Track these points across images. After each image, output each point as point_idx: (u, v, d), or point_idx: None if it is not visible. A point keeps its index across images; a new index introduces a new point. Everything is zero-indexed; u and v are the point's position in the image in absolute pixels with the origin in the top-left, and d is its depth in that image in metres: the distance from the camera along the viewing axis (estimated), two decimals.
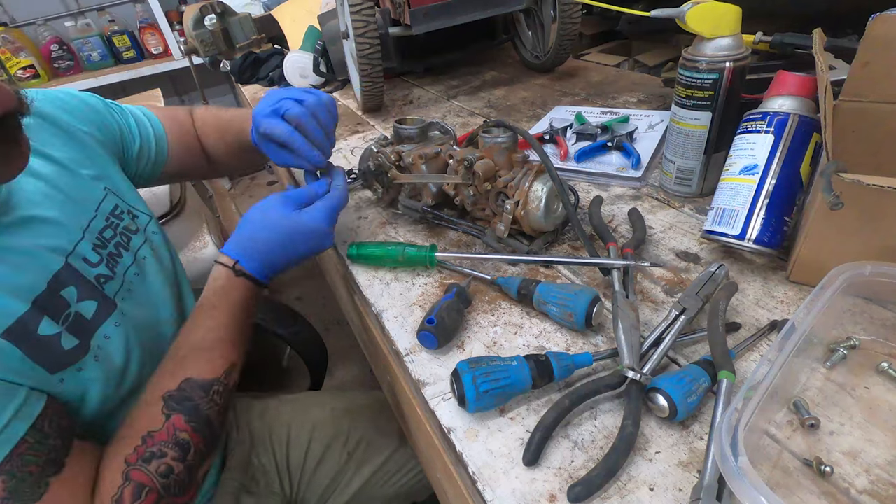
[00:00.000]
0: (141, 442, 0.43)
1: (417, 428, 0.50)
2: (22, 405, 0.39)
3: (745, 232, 0.48)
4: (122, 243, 0.55)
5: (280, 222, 0.53)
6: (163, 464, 0.43)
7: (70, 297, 0.46)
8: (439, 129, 0.70)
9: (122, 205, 0.58)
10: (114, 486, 0.41)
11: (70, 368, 0.44)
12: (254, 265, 0.53)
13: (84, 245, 0.50)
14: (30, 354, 0.41)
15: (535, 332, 0.48)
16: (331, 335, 1.78)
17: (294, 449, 0.74)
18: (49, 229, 0.48)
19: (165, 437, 0.44)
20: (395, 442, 0.77)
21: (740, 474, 0.27)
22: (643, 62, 1.24)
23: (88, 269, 0.50)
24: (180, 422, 0.44)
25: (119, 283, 0.53)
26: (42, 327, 0.43)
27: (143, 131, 0.67)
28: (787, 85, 0.50)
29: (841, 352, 0.41)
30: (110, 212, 0.56)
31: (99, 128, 0.61)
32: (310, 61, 1.22)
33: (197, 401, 0.46)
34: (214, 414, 0.47)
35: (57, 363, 0.43)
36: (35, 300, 0.43)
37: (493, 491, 0.36)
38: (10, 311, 0.41)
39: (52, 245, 0.47)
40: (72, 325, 0.45)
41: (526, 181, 0.55)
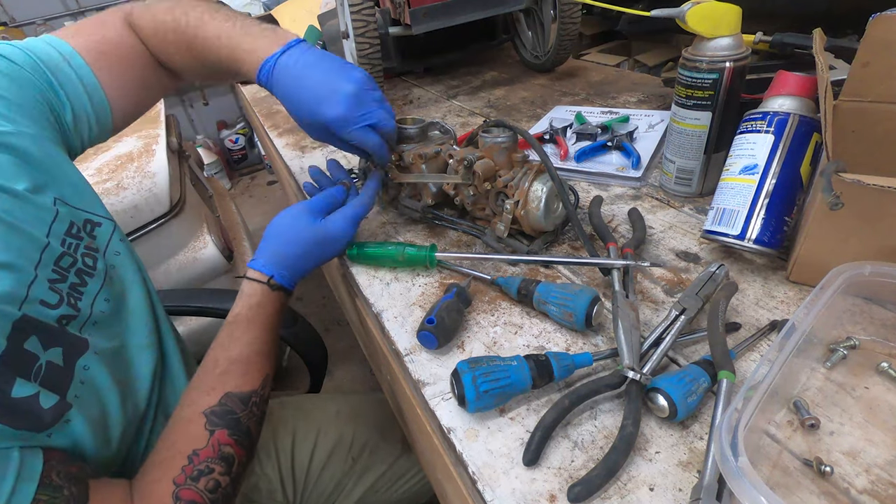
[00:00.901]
0: (187, 461, 0.43)
1: (417, 428, 0.50)
2: (21, 466, 0.36)
3: (745, 232, 0.48)
4: (84, 269, 0.47)
5: (309, 235, 0.54)
6: (211, 479, 0.43)
7: (35, 348, 0.41)
8: (440, 128, 0.69)
9: (77, 217, 0.49)
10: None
11: (56, 425, 0.40)
12: (286, 278, 0.54)
13: (39, 286, 0.42)
14: (9, 423, 0.36)
15: (535, 332, 0.48)
16: (331, 335, 1.78)
17: (298, 455, 0.74)
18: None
19: (211, 453, 0.44)
20: (398, 447, 0.77)
21: (740, 474, 0.27)
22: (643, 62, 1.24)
23: (48, 312, 0.43)
24: (224, 436, 0.45)
25: (85, 317, 0.46)
26: (16, 390, 0.38)
27: (71, 90, 0.52)
28: (787, 85, 0.50)
29: (841, 352, 0.41)
30: (65, 233, 0.46)
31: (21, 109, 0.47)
32: None
33: (238, 414, 0.46)
34: (254, 424, 0.48)
35: (40, 424, 0.39)
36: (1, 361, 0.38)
37: (493, 491, 0.36)
38: None
39: (4, 294, 0.40)
40: (45, 378, 0.40)
41: (526, 181, 0.55)
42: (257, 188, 3.00)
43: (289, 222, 0.54)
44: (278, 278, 0.53)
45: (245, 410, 0.47)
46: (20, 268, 0.41)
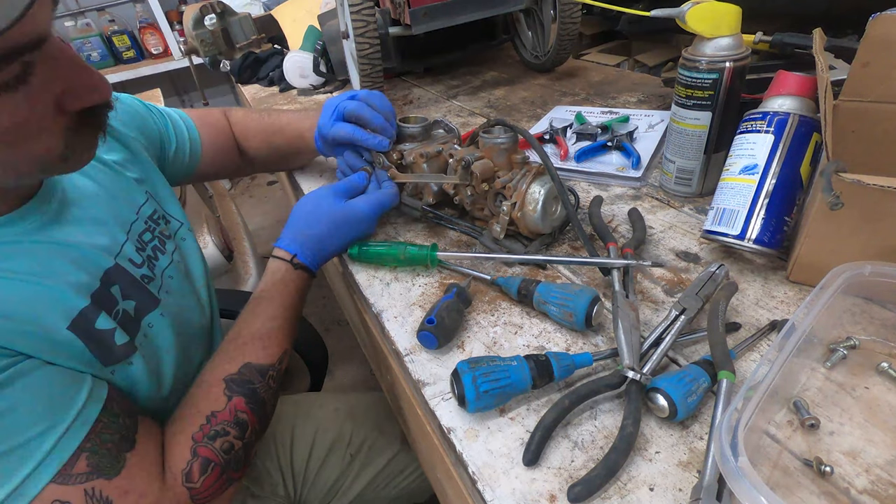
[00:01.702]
0: (206, 421, 0.46)
1: (417, 428, 0.50)
2: (92, 390, 0.41)
3: (745, 232, 0.48)
4: (158, 247, 0.57)
5: (334, 216, 0.57)
6: (226, 441, 0.46)
7: (117, 295, 0.48)
8: (443, 127, 0.70)
9: (159, 210, 0.60)
10: (183, 461, 0.44)
11: (122, 364, 0.46)
12: (309, 257, 0.56)
13: (129, 246, 0.52)
14: (90, 347, 0.43)
15: (535, 332, 0.48)
16: (331, 335, 1.78)
17: (297, 451, 0.74)
18: (99, 228, 0.50)
19: (228, 416, 0.46)
20: (397, 444, 0.77)
21: (740, 474, 0.27)
22: (643, 62, 1.23)
23: (134, 268, 0.51)
24: (241, 403, 0.47)
25: (159, 283, 0.55)
26: (99, 322, 0.44)
27: (179, 134, 0.70)
28: (787, 85, 0.50)
29: (841, 352, 0.41)
30: (149, 216, 0.58)
31: (142, 132, 0.64)
32: (310, 61, 1.22)
33: (256, 384, 0.49)
34: (269, 396, 0.50)
35: (110, 357, 0.45)
36: (92, 295, 0.45)
37: (493, 491, 0.36)
38: (73, 304, 0.43)
39: (103, 244, 0.49)
40: (121, 321, 0.47)
41: (524, 182, 0.55)
42: (257, 188, 3.00)
43: (314, 203, 0.57)
44: (301, 257, 0.55)
45: (262, 382, 0.49)
46: (117, 229, 0.52)
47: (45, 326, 0.40)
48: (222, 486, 0.46)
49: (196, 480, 0.44)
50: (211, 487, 0.45)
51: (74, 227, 0.47)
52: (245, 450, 0.47)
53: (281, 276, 0.55)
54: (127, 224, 0.54)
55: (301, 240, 0.56)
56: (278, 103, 1.23)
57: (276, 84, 1.35)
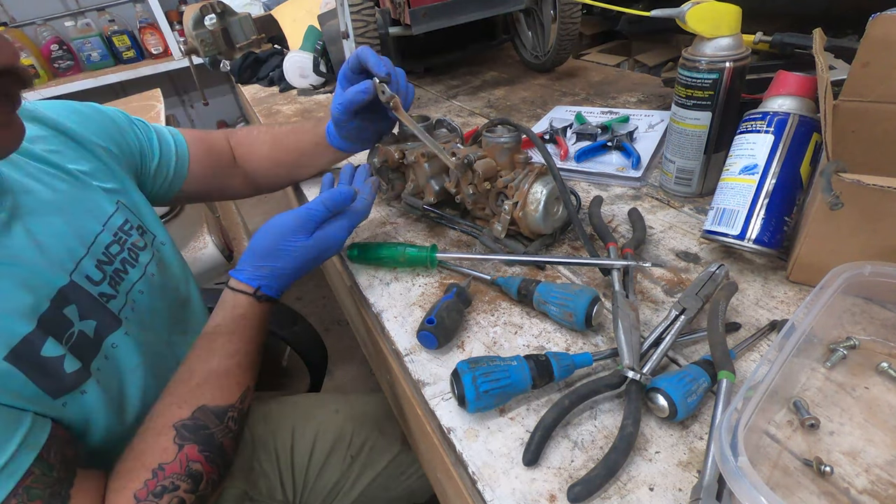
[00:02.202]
0: (151, 475, 0.41)
1: (417, 428, 0.50)
2: (28, 433, 0.37)
3: (745, 232, 0.48)
4: (128, 259, 0.54)
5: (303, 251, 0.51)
6: (175, 496, 0.41)
7: (72, 316, 0.44)
8: (446, 126, 0.70)
9: (133, 220, 0.57)
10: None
11: (73, 392, 0.42)
12: (273, 288, 0.52)
13: (87, 262, 0.49)
14: (33, 378, 0.39)
15: (535, 332, 0.48)
16: (331, 335, 1.78)
17: (297, 453, 0.74)
18: (55, 242, 0.46)
19: (178, 468, 0.42)
20: (397, 445, 0.77)
21: (740, 474, 0.27)
22: (643, 62, 1.24)
23: (91, 286, 0.48)
24: (193, 452, 0.43)
25: (123, 300, 0.51)
26: (46, 349, 0.41)
27: (165, 149, 0.67)
28: (787, 85, 0.50)
29: (841, 352, 0.41)
30: (119, 227, 0.54)
31: (117, 143, 0.60)
32: (310, 61, 1.22)
33: (212, 429, 0.44)
34: (229, 441, 0.46)
35: (59, 387, 0.41)
36: (40, 319, 0.41)
37: (493, 491, 0.36)
38: (14, 331, 0.39)
39: (57, 259, 0.46)
40: (74, 345, 0.44)
41: (526, 182, 0.55)
42: None
43: (281, 235, 0.51)
44: (265, 289, 0.51)
45: (220, 426, 0.45)
46: (75, 243, 0.48)
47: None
48: None
49: None
50: None
51: (24, 241, 0.44)
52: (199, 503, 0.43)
53: (242, 311, 0.50)
54: (89, 236, 0.50)
55: (264, 272, 0.51)
56: (278, 103, 1.23)
57: (276, 84, 1.35)
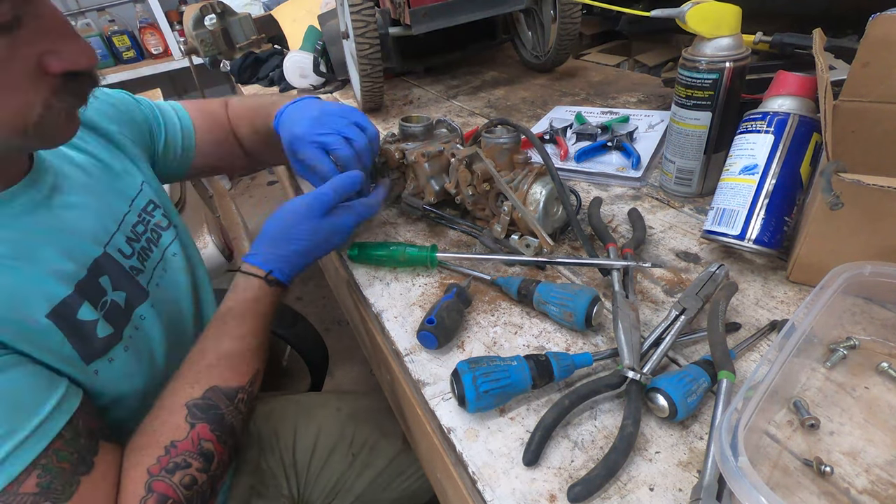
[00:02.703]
0: (164, 452, 0.42)
1: (417, 428, 0.50)
2: (63, 397, 0.39)
3: (745, 232, 0.48)
4: (152, 239, 0.56)
5: (314, 234, 0.53)
6: (187, 474, 0.41)
7: (106, 285, 0.47)
8: (446, 126, 0.70)
9: (155, 201, 0.59)
10: (136, 497, 0.40)
11: (103, 358, 0.44)
12: (286, 273, 0.53)
13: (119, 237, 0.52)
14: (69, 339, 0.41)
15: (535, 332, 0.48)
16: (331, 335, 1.78)
17: (300, 451, 0.74)
18: (90, 217, 0.49)
19: (190, 446, 0.42)
20: (398, 445, 0.77)
21: (740, 474, 0.27)
22: (643, 62, 1.24)
23: (123, 259, 0.51)
24: (205, 431, 0.43)
25: (149, 276, 0.54)
26: (82, 312, 0.43)
27: (170, 125, 0.67)
28: (787, 85, 0.50)
29: (841, 352, 0.41)
30: (143, 208, 0.57)
31: (129, 125, 0.62)
32: (310, 61, 1.22)
33: (222, 409, 0.45)
34: (238, 422, 0.46)
35: (92, 352, 0.43)
36: (77, 284, 0.44)
37: (493, 491, 0.36)
38: (55, 292, 0.42)
39: (93, 233, 0.49)
40: (108, 312, 0.46)
41: (525, 183, 0.55)
42: (257, 188, 3.00)
43: (292, 219, 0.53)
44: (277, 273, 0.52)
45: (230, 406, 0.45)
46: (107, 219, 0.51)
47: (23, 313, 0.39)
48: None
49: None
50: None
51: (64, 213, 0.47)
52: (211, 483, 0.43)
53: (253, 294, 0.51)
54: (119, 215, 0.53)
55: (276, 256, 0.52)
56: None
57: (276, 84, 1.35)
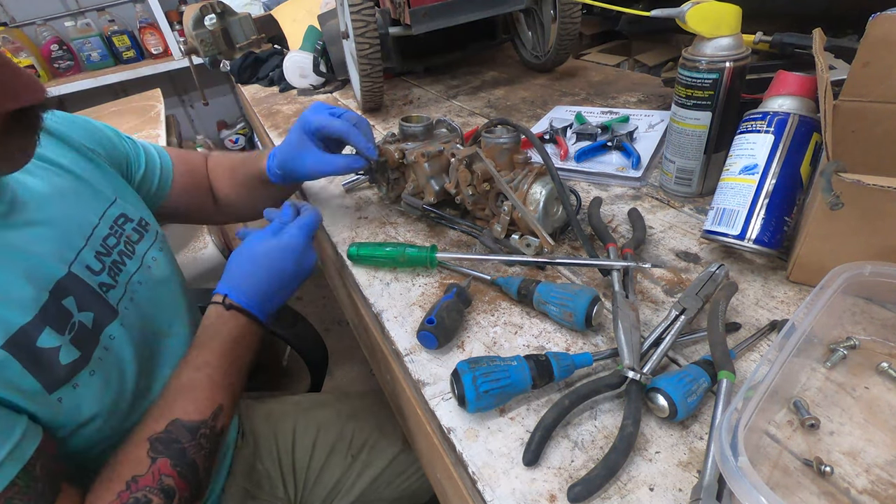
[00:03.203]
0: (125, 487, 0.41)
1: (417, 428, 0.50)
2: (18, 443, 0.37)
3: (745, 232, 0.48)
4: (125, 251, 0.55)
5: (260, 251, 0.55)
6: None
7: (71, 307, 0.45)
8: (446, 126, 0.70)
9: (129, 213, 0.58)
10: None
11: (67, 385, 0.43)
12: (243, 297, 0.53)
13: (86, 253, 0.50)
14: (29, 368, 0.40)
15: (535, 332, 0.48)
16: (331, 335, 1.78)
17: (298, 453, 0.74)
18: (53, 234, 0.47)
19: (150, 481, 0.42)
20: (398, 445, 0.77)
21: (740, 474, 0.27)
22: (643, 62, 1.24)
23: (91, 276, 0.49)
24: (166, 466, 0.43)
25: (122, 290, 0.52)
26: (42, 339, 0.41)
27: (150, 162, 0.69)
28: (787, 85, 0.50)
29: (841, 352, 0.41)
30: (114, 219, 0.56)
31: (108, 151, 0.63)
32: (310, 61, 1.22)
33: (184, 444, 0.44)
34: (201, 459, 0.45)
35: (55, 380, 0.42)
36: (39, 310, 0.42)
37: (493, 491, 0.36)
38: (12, 320, 0.40)
39: (56, 251, 0.47)
40: (75, 335, 0.44)
41: (525, 183, 0.55)
42: None
43: (245, 248, 0.56)
44: (233, 296, 0.52)
45: (192, 442, 0.44)
46: (73, 234, 0.49)
47: None
48: None
49: None
50: None
51: (24, 232, 0.45)
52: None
53: (212, 321, 0.51)
54: (87, 227, 0.51)
55: (233, 281, 0.53)
56: (278, 103, 1.23)
57: (276, 84, 1.35)
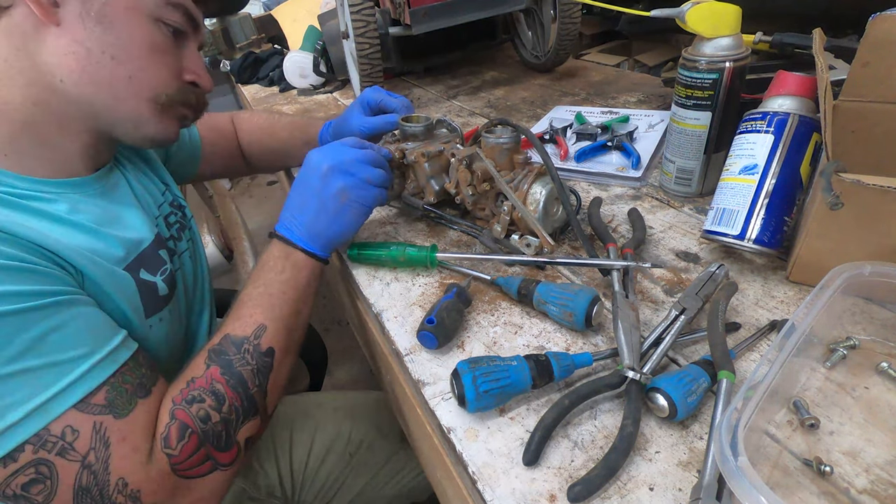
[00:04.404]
0: (186, 385, 0.45)
1: (417, 428, 0.50)
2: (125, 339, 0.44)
3: (745, 232, 0.48)
4: (181, 229, 0.62)
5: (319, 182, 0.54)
6: (202, 408, 0.44)
7: (165, 257, 0.54)
8: (446, 126, 0.70)
9: (176, 199, 0.65)
10: (162, 424, 0.43)
11: (157, 315, 0.51)
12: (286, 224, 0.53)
13: (161, 221, 0.58)
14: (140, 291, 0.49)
15: (535, 332, 0.48)
16: (331, 335, 1.78)
17: (296, 452, 0.74)
18: (144, 203, 0.56)
19: (204, 384, 0.45)
20: (395, 443, 0.77)
21: (740, 474, 0.27)
22: (643, 62, 1.24)
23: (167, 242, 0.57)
24: (217, 373, 0.46)
25: (179, 261, 0.59)
26: (143, 273, 0.50)
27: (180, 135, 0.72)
28: (787, 85, 0.50)
29: (841, 352, 0.41)
30: (170, 202, 0.63)
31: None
32: (310, 61, 1.22)
33: (231, 356, 0.47)
34: (248, 373, 0.47)
35: (152, 305, 0.50)
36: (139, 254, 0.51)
37: (493, 491, 0.36)
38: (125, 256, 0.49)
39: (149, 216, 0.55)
40: (168, 277, 0.53)
41: (525, 183, 0.55)
42: (257, 188, 3.00)
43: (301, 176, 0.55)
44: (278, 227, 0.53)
45: (237, 355, 0.47)
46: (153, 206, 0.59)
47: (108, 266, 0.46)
48: (202, 462, 0.43)
49: (174, 446, 0.42)
50: (189, 459, 0.43)
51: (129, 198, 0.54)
52: (226, 426, 0.45)
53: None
54: (159, 200, 0.60)
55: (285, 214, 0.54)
56: (278, 103, 1.23)
57: (276, 84, 1.35)
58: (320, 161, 0.53)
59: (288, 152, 0.81)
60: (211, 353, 0.47)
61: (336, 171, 0.52)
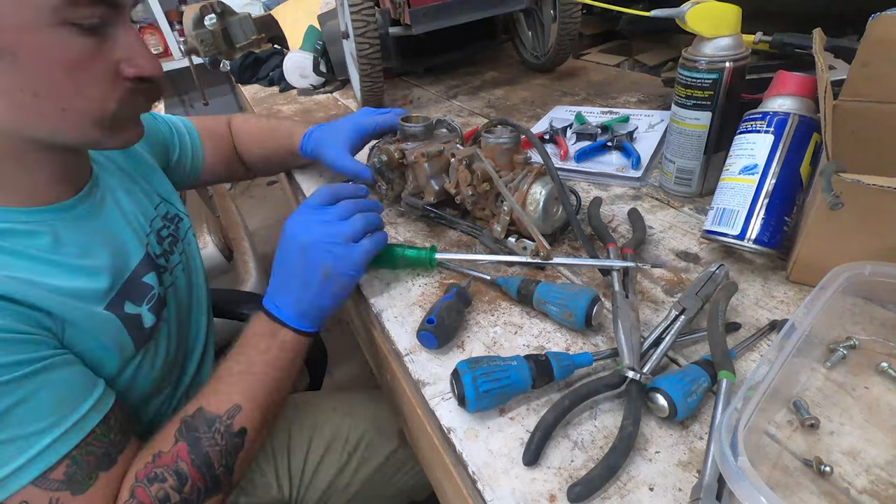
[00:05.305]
0: (151, 460, 0.43)
1: (417, 428, 0.50)
2: (100, 397, 0.43)
3: (745, 232, 0.48)
4: (173, 242, 0.61)
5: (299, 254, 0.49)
6: (162, 489, 0.42)
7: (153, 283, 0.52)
8: (446, 126, 0.70)
9: (171, 210, 0.64)
10: (121, 501, 0.42)
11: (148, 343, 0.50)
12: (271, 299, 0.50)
13: (152, 237, 0.57)
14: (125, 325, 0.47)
15: (535, 332, 0.48)
16: (331, 335, 1.78)
17: (294, 451, 0.74)
18: (131, 221, 0.54)
19: (169, 461, 0.43)
20: (394, 441, 0.77)
21: (740, 474, 0.27)
22: (643, 62, 1.23)
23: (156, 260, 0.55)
24: (184, 451, 0.44)
25: (170, 278, 0.58)
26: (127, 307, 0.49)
27: (182, 143, 0.75)
28: (787, 85, 0.50)
29: (841, 352, 0.41)
30: (163, 216, 0.62)
31: (147, 140, 0.67)
32: (310, 61, 1.22)
33: (200, 434, 0.45)
34: (215, 454, 0.45)
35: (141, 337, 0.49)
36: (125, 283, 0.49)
37: (493, 491, 0.36)
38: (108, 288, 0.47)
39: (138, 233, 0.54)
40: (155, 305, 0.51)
41: (525, 183, 0.55)
42: (257, 188, 2.99)
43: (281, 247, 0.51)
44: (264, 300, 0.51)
45: (207, 434, 0.45)
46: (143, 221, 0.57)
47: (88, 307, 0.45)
48: None
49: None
50: None
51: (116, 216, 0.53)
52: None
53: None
54: (150, 215, 0.59)
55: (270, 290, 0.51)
56: (278, 103, 1.23)
57: (276, 84, 1.35)
58: (294, 236, 0.48)
59: (281, 159, 0.81)
60: (182, 427, 0.45)
61: (312, 251, 0.48)
